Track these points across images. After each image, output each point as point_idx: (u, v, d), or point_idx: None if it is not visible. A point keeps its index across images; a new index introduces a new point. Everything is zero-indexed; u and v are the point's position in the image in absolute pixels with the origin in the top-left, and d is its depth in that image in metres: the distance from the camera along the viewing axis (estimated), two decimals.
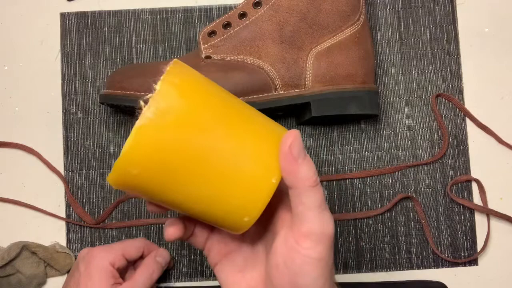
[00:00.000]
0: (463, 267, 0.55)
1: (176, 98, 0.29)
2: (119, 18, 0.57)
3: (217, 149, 0.30)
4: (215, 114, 0.30)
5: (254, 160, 0.31)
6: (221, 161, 0.30)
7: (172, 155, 0.29)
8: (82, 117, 0.56)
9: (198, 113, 0.29)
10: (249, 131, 0.31)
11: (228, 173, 0.30)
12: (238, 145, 0.30)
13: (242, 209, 0.31)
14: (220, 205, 0.31)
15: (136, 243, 0.51)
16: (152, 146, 0.28)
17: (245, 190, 0.30)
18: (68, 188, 0.55)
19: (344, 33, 0.50)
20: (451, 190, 0.55)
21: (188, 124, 0.29)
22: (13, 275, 0.53)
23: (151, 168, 0.29)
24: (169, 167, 0.29)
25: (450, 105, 0.56)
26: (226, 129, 0.30)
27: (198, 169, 0.29)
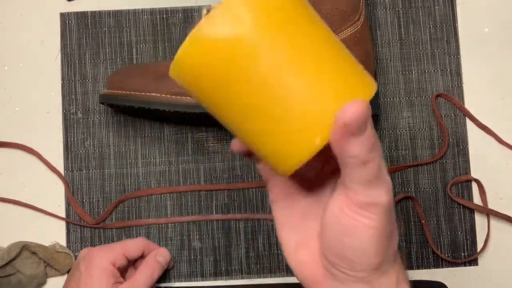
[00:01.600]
0: (463, 267, 0.55)
1: (239, 14, 0.26)
2: (119, 18, 0.57)
3: (272, 83, 0.27)
4: (281, 44, 0.27)
5: (303, 110, 0.27)
6: (273, 97, 0.27)
7: (220, 74, 0.27)
8: (82, 117, 0.56)
9: (259, 40, 0.26)
10: (316, 73, 0.27)
11: (276, 112, 0.27)
12: (296, 88, 0.27)
13: (281, 154, 0.28)
14: (264, 143, 0.28)
15: (137, 243, 0.51)
16: (201, 58, 0.27)
17: (288, 136, 0.27)
18: (68, 188, 0.55)
19: (344, 33, 0.50)
20: (451, 190, 0.55)
21: (244, 48, 0.26)
22: (13, 275, 0.53)
23: (201, 81, 0.28)
24: (218, 86, 0.27)
25: (450, 105, 0.56)
26: (288, 66, 0.27)
27: (246, 96, 0.27)
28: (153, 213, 0.55)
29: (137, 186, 0.55)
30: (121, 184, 0.55)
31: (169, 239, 0.55)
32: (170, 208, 0.55)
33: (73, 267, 0.50)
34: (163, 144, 0.56)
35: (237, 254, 0.54)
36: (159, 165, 0.55)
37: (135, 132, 0.56)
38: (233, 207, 0.55)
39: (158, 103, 0.49)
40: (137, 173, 0.55)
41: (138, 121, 0.56)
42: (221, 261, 0.54)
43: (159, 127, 0.56)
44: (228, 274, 0.54)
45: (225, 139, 0.55)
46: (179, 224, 0.55)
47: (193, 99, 0.49)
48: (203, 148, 0.55)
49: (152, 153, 0.55)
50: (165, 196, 0.55)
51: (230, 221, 0.55)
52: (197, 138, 0.56)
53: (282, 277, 0.54)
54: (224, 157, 0.55)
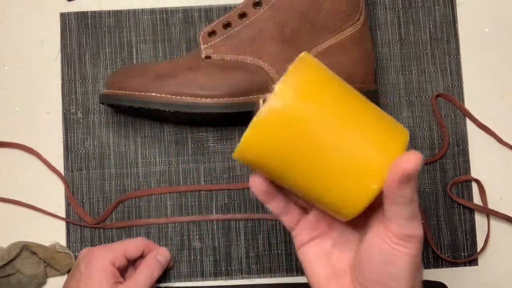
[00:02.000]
0: (463, 267, 0.55)
1: (291, 100, 0.32)
2: (119, 18, 0.57)
3: (327, 147, 0.32)
4: (329, 115, 0.32)
5: (358, 164, 0.32)
6: (330, 158, 0.32)
7: (281, 148, 0.33)
8: (82, 117, 0.56)
9: (310, 115, 0.32)
10: (364, 126, 0.33)
11: (335, 166, 0.32)
12: (348, 147, 0.32)
13: (347, 202, 0.33)
14: (326, 195, 0.34)
15: (136, 242, 0.51)
16: (263, 139, 0.32)
17: (349, 187, 0.33)
18: (68, 188, 0.55)
19: (344, 33, 0.50)
20: (451, 190, 0.55)
21: (299, 124, 0.32)
22: (13, 275, 0.53)
23: (264, 157, 0.33)
24: (279, 158, 0.33)
25: (450, 105, 0.56)
26: (338, 131, 0.32)
27: (306, 162, 0.33)
28: (153, 213, 0.55)
29: (137, 186, 0.55)
30: (121, 184, 0.55)
31: (169, 239, 0.55)
32: (170, 208, 0.55)
33: (73, 267, 0.50)
34: (163, 144, 0.56)
35: (237, 254, 0.55)
36: (159, 165, 0.55)
37: (135, 132, 0.56)
38: (233, 207, 0.55)
39: (158, 103, 0.49)
40: (137, 173, 0.55)
41: (138, 121, 0.56)
42: (221, 261, 0.54)
43: (159, 127, 0.56)
44: (228, 274, 0.54)
45: (225, 139, 0.56)
46: (179, 224, 0.55)
47: (193, 99, 0.49)
48: (203, 148, 0.55)
49: (152, 153, 0.55)
50: (165, 196, 0.55)
51: (230, 221, 0.55)
52: (197, 138, 0.56)
53: (282, 277, 0.54)
54: (224, 157, 0.55)
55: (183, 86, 0.49)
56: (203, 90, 0.49)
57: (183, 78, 0.49)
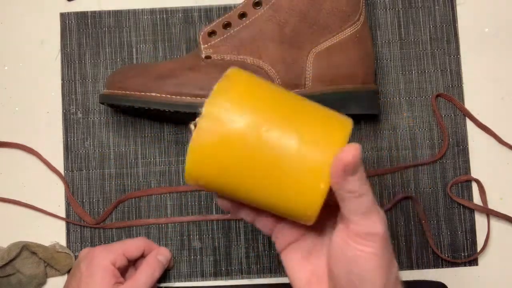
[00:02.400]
0: (463, 267, 0.55)
1: (218, 120, 0.32)
2: (119, 18, 0.57)
3: (268, 156, 0.32)
4: (262, 125, 0.32)
5: (302, 167, 0.32)
6: (274, 167, 0.32)
7: (225, 167, 0.32)
8: (82, 117, 0.56)
9: (243, 129, 0.32)
10: (301, 130, 0.32)
11: (281, 178, 0.32)
12: (289, 146, 0.32)
13: (301, 206, 0.33)
14: (281, 203, 0.33)
15: (137, 242, 0.51)
16: (204, 164, 0.32)
17: (301, 188, 0.32)
18: (68, 188, 0.55)
19: (344, 33, 0.50)
20: (451, 190, 0.55)
21: (234, 140, 0.32)
22: (13, 275, 0.53)
23: (212, 179, 0.33)
24: (226, 177, 0.33)
25: (450, 105, 0.56)
26: (275, 139, 0.32)
27: (252, 176, 0.32)
28: (153, 213, 0.55)
29: (137, 186, 0.55)
30: (121, 184, 0.55)
31: (169, 239, 0.55)
32: (170, 208, 0.55)
33: (74, 267, 0.50)
34: (163, 144, 0.56)
35: (237, 254, 0.55)
36: (159, 165, 0.55)
37: (135, 132, 0.56)
38: None
39: (158, 103, 0.49)
40: (137, 173, 0.55)
41: (138, 121, 0.56)
42: (221, 261, 0.54)
43: (159, 127, 0.56)
44: (228, 274, 0.54)
45: None
46: (179, 224, 0.55)
47: (193, 99, 0.49)
48: None
49: (152, 153, 0.55)
50: (165, 196, 0.55)
51: (230, 221, 0.55)
52: None
53: (282, 277, 0.54)
54: None
55: (183, 86, 0.49)
56: (203, 90, 0.49)
57: (183, 78, 0.49)
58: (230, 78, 0.34)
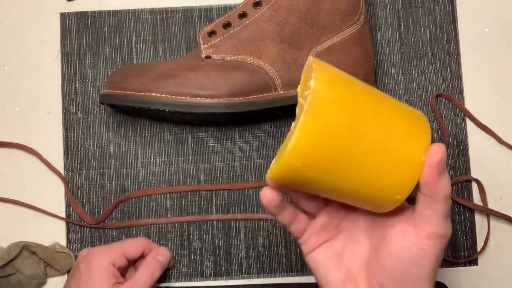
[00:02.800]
0: (463, 267, 0.55)
1: (330, 93, 0.32)
2: (119, 18, 0.57)
3: (370, 134, 0.33)
4: (365, 103, 0.33)
5: (403, 141, 0.33)
6: (374, 145, 0.33)
7: (330, 145, 0.32)
8: (82, 117, 0.56)
9: (351, 105, 0.32)
10: (395, 116, 0.34)
11: (380, 155, 0.33)
12: (388, 129, 0.33)
13: (394, 187, 0.34)
14: (375, 184, 0.34)
15: (136, 242, 0.51)
16: (313, 140, 0.32)
17: (396, 170, 0.33)
18: (68, 188, 0.55)
19: (344, 33, 0.50)
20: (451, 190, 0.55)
21: (343, 116, 0.32)
22: (13, 275, 0.53)
23: (313, 159, 0.32)
24: (328, 156, 0.32)
25: (450, 105, 0.56)
26: (375, 116, 0.33)
27: (354, 155, 0.33)
28: (153, 213, 0.55)
29: (137, 186, 0.55)
30: (121, 184, 0.55)
31: (169, 239, 0.55)
32: (170, 208, 0.55)
33: (73, 267, 0.50)
34: (163, 144, 0.56)
35: (237, 254, 0.55)
36: (159, 165, 0.55)
37: (135, 132, 0.56)
38: (233, 207, 0.55)
39: (158, 103, 0.49)
40: (137, 173, 0.55)
41: (138, 121, 0.56)
42: (221, 261, 0.54)
43: (159, 127, 0.56)
44: (228, 274, 0.54)
45: (225, 139, 0.56)
46: (179, 224, 0.55)
47: (193, 99, 0.49)
48: (203, 148, 0.55)
49: (152, 153, 0.55)
50: (165, 196, 0.55)
51: (230, 221, 0.55)
52: (197, 138, 0.56)
53: (282, 277, 0.54)
54: (224, 157, 0.55)
55: (183, 86, 0.49)
56: (203, 90, 0.49)
57: (183, 78, 0.49)
58: (320, 62, 0.34)
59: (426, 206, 0.34)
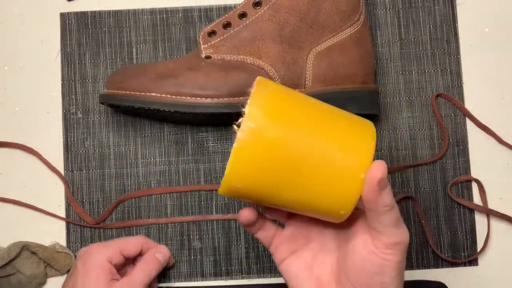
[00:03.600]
0: (463, 267, 0.55)
1: (263, 119, 0.34)
2: (119, 18, 0.57)
3: (309, 154, 0.34)
4: (302, 124, 0.34)
5: (342, 158, 0.34)
6: (313, 163, 0.34)
7: (267, 167, 0.34)
8: (82, 117, 0.56)
9: (286, 128, 0.34)
10: (335, 134, 0.35)
11: (320, 173, 0.34)
12: (327, 148, 0.34)
13: (337, 203, 0.35)
14: (318, 200, 0.35)
15: (135, 240, 0.51)
16: (249, 164, 0.34)
17: (337, 186, 0.34)
18: (68, 188, 0.55)
19: (344, 33, 0.50)
20: (451, 190, 0.55)
21: (278, 139, 0.34)
22: (13, 275, 0.53)
23: (251, 181, 0.34)
24: (267, 176, 0.34)
25: (450, 105, 0.56)
26: (314, 135, 0.34)
27: (294, 174, 0.34)
28: (153, 213, 0.55)
29: (137, 186, 0.55)
30: (121, 184, 0.55)
31: (169, 239, 0.55)
32: (170, 208, 0.55)
33: (72, 266, 0.50)
34: (163, 144, 0.56)
35: (237, 254, 0.55)
36: (159, 165, 0.55)
37: (135, 132, 0.56)
38: (233, 207, 0.55)
39: (158, 103, 0.49)
40: (137, 173, 0.55)
41: (138, 121, 0.56)
42: (221, 261, 0.54)
43: (159, 127, 0.56)
44: (228, 274, 0.54)
45: (225, 139, 0.56)
46: (179, 224, 0.55)
47: (193, 99, 0.49)
48: (203, 148, 0.55)
49: (152, 153, 0.55)
50: (165, 196, 0.55)
51: (230, 221, 0.55)
52: (197, 138, 0.56)
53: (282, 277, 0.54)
54: (224, 157, 0.55)
55: (183, 86, 0.49)
56: (203, 90, 0.49)
57: (183, 78, 0.49)
58: (264, 84, 0.36)
59: (373, 220, 0.35)
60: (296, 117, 0.34)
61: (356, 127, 0.36)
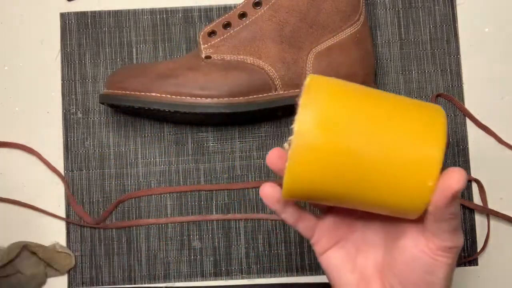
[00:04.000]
0: (463, 267, 0.55)
1: (313, 135, 0.31)
2: (119, 18, 0.57)
3: (372, 159, 0.31)
4: (361, 131, 0.31)
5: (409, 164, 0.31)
6: (379, 168, 0.32)
7: (326, 178, 0.32)
8: (82, 117, 0.56)
9: (339, 143, 0.31)
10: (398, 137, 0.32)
11: (385, 180, 0.32)
12: (391, 155, 0.31)
13: (407, 204, 0.33)
14: (385, 204, 0.33)
15: None
16: (304, 179, 0.32)
17: (407, 189, 0.32)
18: (68, 188, 0.55)
19: (344, 33, 0.50)
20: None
21: (334, 151, 0.31)
22: (13, 275, 0.53)
23: (312, 191, 0.33)
24: (327, 187, 0.32)
25: (450, 105, 0.56)
26: (374, 140, 0.31)
27: (357, 181, 0.32)
28: (153, 213, 0.55)
29: (137, 186, 0.55)
30: (121, 184, 0.55)
31: (169, 239, 0.55)
32: (170, 208, 0.55)
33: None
34: (163, 144, 0.56)
35: (237, 254, 0.55)
36: (159, 165, 0.55)
37: (135, 132, 0.56)
38: (233, 207, 0.55)
39: (158, 103, 0.49)
40: (137, 173, 0.55)
41: (138, 121, 0.56)
42: (221, 261, 0.54)
43: (159, 127, 0.56)
44: (228, 274, 0.54)
45: (225, 139, 0.56)
46: (179, 224, 0.55)
47: (193, 99, 0.49)
48: (203, 148, 0.55)
49: (152, 153, 0.55)
50: (165, 196, 0.55)
51: (230, 221, 0.55)
52: (197, 138, 0.56)
53: (282, 277, 0.54)
54: (224, 157, 0.55)
55: (183, 86, 0.49)
56: (203, 90, 0.49)
57: (183, 78, 0.49)
58: (313, 86, 0.33)
59: (432, 224, 0.33)
60: (353, 119, 0.32)
61: (425, 122, 0.32)
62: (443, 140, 0.31)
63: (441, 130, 0.32)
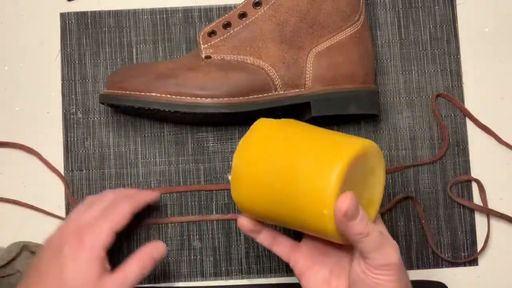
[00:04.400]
0: (463, 267, 0.55)
1: (240, 169, 0.42)
2: (119, 18, 0.57)
3: (280, 194, 0.39)
4: (272, 172, 0.40)
5: (311, 195, 0.37)
6: (288, 200, 0.39)
7: (253, 204, 0.41)
8: (82, 117, 0.56)
9: (256, 176, 0.40)
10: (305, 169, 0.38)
11: (295, 207, 0.39)
12: (295, 189, 0.38)
13: (321, 229, 0.38)
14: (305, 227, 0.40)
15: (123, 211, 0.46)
16: (241, 202, 0.42)
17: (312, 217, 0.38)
18: (68, 188, 0.55)
19: (344, 33, 0.50)
20: (451, 190, 0.55)
21: (252, 184, 0.41)
22: (13, 275, 0.53)
23: (252, 215, 0.43)
24: (257, 210, 0.42)
25: (450, 105, 0.56)
26: (282, 179, 0.39)
27: (277, 212, 0.40)
28: (153, 213, 0.55)
29: (137, 186, 0.55)
30: (121, 184, 0.55)
31: (169, 239, 0.55)
32: (170, 208, 0.55)
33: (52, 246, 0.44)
34: (163, 144, 0.56)
35: (237, 254, 0.55)
36: (159, 165, 0.55)
37: (135, 132, 0.56)
38: (233, 207, 0.55)
39: (158, 103, 0.49)
40: (137, 173, 0.55)
41: (138, 121, 0.56)
42: (221, 261, 0.54)
43: (159, 127, 0.56)
44: (228, 274, 0.54)
45: (225, 139, 0.56)
46: (179, 224, 0.55)
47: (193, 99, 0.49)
48: (203, 148, 0.55)
49: (152, 153, 0.55)
50: (165, 196, 0.55)
51: (230, 221, 0.55)
52: (197, 138, 0.56)
53: (282, 277, 0.54)
54: (224, 157, 0.55)
55: (183, 86, 0.49)
56: (203, 90, 0.49)
57: (183, 78, 0.49)
58: (252, 131, 0.43)
59: (356, 246, 0.36)
60: (269, 159, 0.40)
61: (329, 158, 0.37)
62: (340, 172, 0.36)
63: (340, 163, 0.36)
